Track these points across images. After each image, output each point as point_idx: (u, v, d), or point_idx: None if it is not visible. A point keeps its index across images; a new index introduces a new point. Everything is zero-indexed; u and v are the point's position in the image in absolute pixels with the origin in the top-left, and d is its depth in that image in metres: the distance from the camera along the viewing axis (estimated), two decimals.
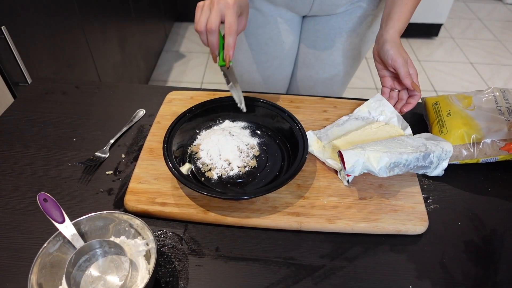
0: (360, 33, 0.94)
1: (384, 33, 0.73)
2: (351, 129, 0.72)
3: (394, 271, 0.55)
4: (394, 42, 0.71)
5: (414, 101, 0.73)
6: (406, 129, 0.71)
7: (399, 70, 0.70)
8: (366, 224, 0.58)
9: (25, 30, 1.04)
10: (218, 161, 0.65)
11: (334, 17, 0.92)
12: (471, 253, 0.57)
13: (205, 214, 0.59)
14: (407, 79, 0.70)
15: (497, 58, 2.59)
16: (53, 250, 0.50)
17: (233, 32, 0.61)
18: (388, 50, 0.71)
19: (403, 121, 0.72)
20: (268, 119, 0.72)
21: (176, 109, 0.77)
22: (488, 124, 0.67)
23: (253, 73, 1.03)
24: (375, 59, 0.77)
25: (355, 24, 0.92)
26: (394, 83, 0.76)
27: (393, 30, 0.72)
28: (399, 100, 0.75)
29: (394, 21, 0.72)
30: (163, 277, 0.53)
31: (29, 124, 0.76)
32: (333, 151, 0.67)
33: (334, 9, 0.89)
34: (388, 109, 0.73)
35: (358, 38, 0.95)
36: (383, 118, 0.73)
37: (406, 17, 0.73)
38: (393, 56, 0.70)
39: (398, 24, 0.72)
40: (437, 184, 0.67)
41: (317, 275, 0.54)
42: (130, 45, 1.80)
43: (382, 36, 0.73)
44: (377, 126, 0.71)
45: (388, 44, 0.71)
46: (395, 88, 0.76)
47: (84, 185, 0.65)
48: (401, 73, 0.70)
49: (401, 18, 0.73)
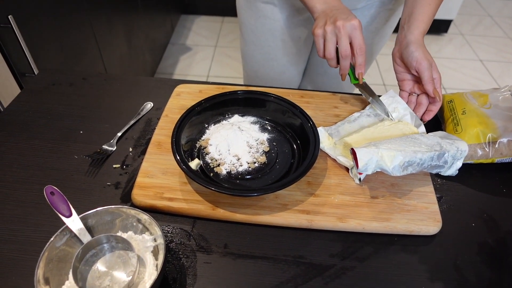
0: (377, 27, 0.92)
1: (407, 34, 0.70)
2: (363, 126, 0.70)
3: (405, 272, 0.54)
4: (419, 44, 0.68)
5: (435, 108, 0.70)
6: (419, 127, 0.69)
7: (423, 73, 0.67)
8: (377, 224, 0.57)
9: (32, 21, 1.03)
10: (227, 156, 0.64)
11: (353, 12, 0.90)
12: (485, 255, 0.56)
13: (213, 210, 0.58)
14: (429, 85, 0.67)
15: (507, 56, 2.54)
16: (60, 244, 0.49)
17: (363, 52, 0.66)
18: (413, 51, 0.68)
19: (416, 119, 0.70)
20: (279, 114, 0.71)
21: (184, 103, 0.76)
22: (504, 123, 0.65)
23: (268, 69, 1.02)
24: (395, 61, 0.74)
25: (372, 19, 0.90)
26: (414, 87, 0.73)
27: (417, 31, 0.69)
28: (417, 104, 0.72)
29: (419, 22, 0.70)
30: (170, 274, 0.52)
31: (36, 115, 0.75)
32: (345, 148, 0.66)
33: (355, 4, 0.86)
34: (401, 106, 0.72)
35: (375, 33, 0.93)
36: (396, 115, 0.71)
37: (430, 18, 0.71)
38: (418, 59, 0.67)
39: (422, 25, 0.70)
40: (451, 184, 0.65)
41: (327, 274, 0.53)
42: (136, 38, 1.79)
43: (406, 37, 0.70)
44: (389, 123, 0.69)
45: (413, 45, 0.68)
46: (415, 92, 0.73)
47: (91, 178, 0.64)
48: (424, 77, 0.67)
49: (424, 19, 0.70)
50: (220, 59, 2.40)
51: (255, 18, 0.93)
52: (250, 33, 0.96)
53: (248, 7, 0.92)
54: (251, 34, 0.96)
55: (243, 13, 0.95)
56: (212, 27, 2.70)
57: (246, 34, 0.98)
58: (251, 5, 0.91)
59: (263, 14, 0.91)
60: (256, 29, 0.94)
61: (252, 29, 0.95)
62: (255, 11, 0.91)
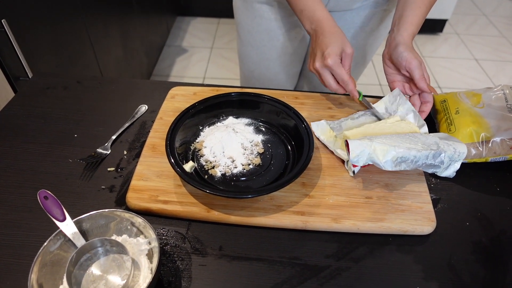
0: (372, 28, 0.92)
1: (396, 36, 0.71)
2: (366, 122, 0.71)
3: (400, 272, 0.54)
4: (407, 45, 0.69)
5: (427, 109, 0.71)
6: (422, 127, 0.69)
7: (414, 72, 0.68)
8: (372, 224, 0.57)
9: (26, 24, 1.03)
10: (221, 159, 0.64)
11: (349, 13, 0.90)
12: (479, 254, 0.56)
13: (208, 213, 0.58)
14: (422, 82, 0.67)
15: (502, 55, 2.56)
16: (54, 248, 0.49)
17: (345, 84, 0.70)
18: (402, 51, 0.69)
19: (419, 119, 0.70)
20: (273, 115, 0.71)
21: (178, 105, 0.76)
22: (497, 122, 0.65)
23: (263, 69, 1.02)
24: (385, 63, 0.75)
25: (367, 19, 0.91)
26: (405, 88, 0.74)
27: (406, 33, 0.70)
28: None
29: (408, 24, 0.70)
30: (165, 277, 0.52)
31: (30, 119, 0.75)
32: (343, 141, 0.66)
33: (351, 5, 0.87)
34: (405, 105, 0.71)
35: (370, 33, 0.93)
36: (400, 113, 0.72)
37: (420, 20, 0.71)
38: (407, 58, 0.68)
39: (411, 27, 0.70)
40: (445, 184, 0.66)
41: (322, 275, 0.53)
42: (132, 40, 1.79)
43: (395, 39, 0.71)
44: (392, 121, 0.69)
45: (402, 46, 0.69)
46: (406, 93, 0.74)
47: (86, 182, 0.64)
48: (416, 76, 0.68)
49: (414, 22, 0.70)
50: (216, 60, 2.40)
51: (251, 18, 0.93)
52: (247, 33, 0.97)
53: (245, 7, 0.93)
54: (247, 34, 0.96)
55: (240, 14, 0.95)
56: (208, 29, 2.70)
57: (242, 34, 0.98)
58: (248, 5, 0.92)
59: (259, 14, 0.91)
60: (252, 29, 0.95)
61: (249, 29, 0.95)
62: (251, 11, 0.92)
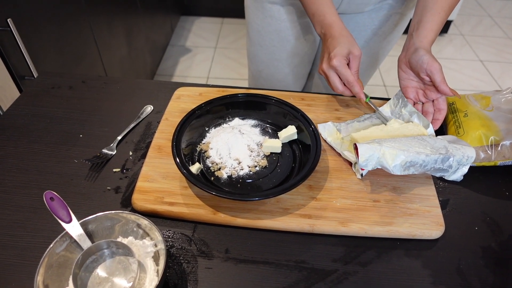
0: (385, 31, 0.91)
1: (416, 42, 0.69)
2: (372, 125, 0.70)
3: (408, 277, 0.53)
4: (427, 50, 0.68)
5: (441, 117, 0.69)
6: (428, 128, 0.68)
7: (435, 75, 0.66)
8: (380, 228, 0.57)
9: (31, 23, 1.03)
10: (228, 160, 0.64)
11: (360, 15, 0.89)
12: (488, 259, 0.56)
13: (214, 215, 0.57)
14: (444, 85, 0.66)
15: (507, 56, 2.54)
16: (60, 250, 0.49)
17: (352, 85, 0.70)
18: (422, 55, 0.67)
19: (424, 119, 0.69)
20: (280, 117, 0.70)
21: (184, 106, 0.76)
22: (507, 125, 0.65)
23: (272, 69, 1.01)
24: (400, 67, 0.73)
25: (381, 22, 0.90)
26: (419, 94, 0.72)
27: (426, 40, 0.69)
28: (423, 113, 0.71)
29: (427, 31, 0.69)
30: (171, 279, 0.52)
31: (35, 119, 0.75)
32: (351, 143, 0.66)
33: (362, 7, 0.86)
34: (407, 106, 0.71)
35: (383, 36, 0.92)
36: (404, 116, 0.71)
37: (439, 27, 0.70)
38: (429, 61, 0.66)
39: (431, 34, 0.69)
40: (453, 187, 0.65)
41: (329, 279, 0.52)
42: (136, 39, 1.79)
43: (414, 44, 0.70)
44: (399, 123, 0.69)
45: (422, 50, 0.68)
46: (419, 100, 0.73)
47: (91, 183, 0.63)
48: (437, 79, 0.66)
49: (433, 28, 0.69)
50: (220, 60, 2.40)
51: (261, 18, 0.93)
52: (256, 33, 0.96)
53: (255, 7, 0.92)
54: (257, 34, 0.96)
55: (250, 13, 0.95)
56: (212, 29, 2.70)
57: (252, 34, 0.98)
58: (258, 5, 0.91)
59: (270, 15, 0.91)
60: (262, 29, 0.94)
61: (258, 29, 0.95)
62: (261, 11, 0.91)
